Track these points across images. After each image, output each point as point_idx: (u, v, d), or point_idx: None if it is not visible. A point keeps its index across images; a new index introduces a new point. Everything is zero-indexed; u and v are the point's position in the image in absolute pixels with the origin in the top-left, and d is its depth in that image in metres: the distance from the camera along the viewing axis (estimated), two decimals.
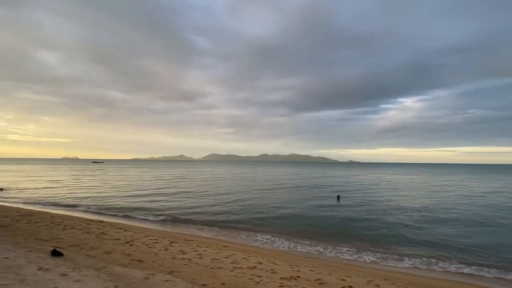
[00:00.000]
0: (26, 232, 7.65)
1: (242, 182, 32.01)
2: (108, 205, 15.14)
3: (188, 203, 16.18)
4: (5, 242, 6.39)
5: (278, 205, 16.22)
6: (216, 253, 7.19)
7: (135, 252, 6.54)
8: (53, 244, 6.65)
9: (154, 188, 25.09)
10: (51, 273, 4.60)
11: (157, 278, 4.93)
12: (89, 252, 6.17)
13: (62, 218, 10.22)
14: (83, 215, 12.24)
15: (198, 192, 21.83)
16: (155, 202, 16.34)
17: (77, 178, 35.39)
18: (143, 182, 31.38)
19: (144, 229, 9.70)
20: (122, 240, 7.51)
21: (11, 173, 43.83)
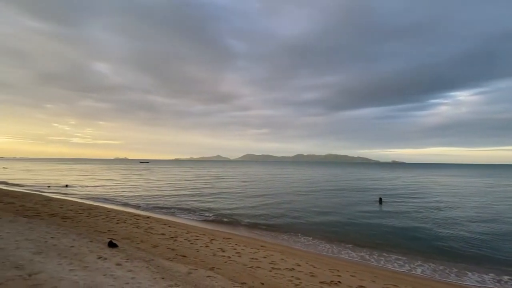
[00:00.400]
0: (87, 224, 8.61)
1: (279, 184, 31.55)
2: (154, 202, 16.32)
3: (227, 203, 16.60)
4: (71, 232, 7.27)
5: (317, 208, 15.66)
6: (254, 252, 7.26)
7: (179, 247, 6.92)
8: (109, 236, 7.37)
9: (195, 188, 26.32)
10: (108, 262, 5.10)
11: (200, 273, 5.14)
12: (139, 245, 6.71)
13: (116, 213, 11.29)
14: (132, 210, 13.36)
15: (236, 192, 22.18)
16: (196, 201, 17.11)
17: (127, 177, 38.83)
18: (184, 181, 33.15)
19: (186, 225, 10.23)
20: (167, 235, 8.02)
21: (74, 172, 49.90)
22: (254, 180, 36.80)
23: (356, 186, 29.57)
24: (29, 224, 7.73)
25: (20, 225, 7.52)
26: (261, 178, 40.95)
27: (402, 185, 32.54)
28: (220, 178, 39.21)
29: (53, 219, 8.87)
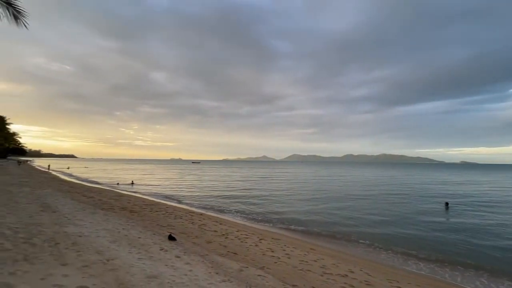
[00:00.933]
0: (150, 218, 9.59)
1: (328, 186, 29.91)
2: (206, 200, 17.34)
3: (276, 205, 16.52)
4: (138, 225, 8.20)
5: (373, 214, 14.21)
6: (304, 255, 7.13)
7: (230, 244, 7.21)
8: (168, 230, 8.09)
9: (243, 188, 27.07)
10: (169, 254, 5.59)
11: (251, 271, 5.27)
12: (194, 240, 7.19)
13: (173, 209, 12.33)
14: (187, 207, 14.40)
15: (285, 195, 21.71)
16: (245, 202, 17.56)
17: (182, 176, 42.07)
18: (233, 182, 34.36)
19: (236, 224, 10.60)
20: (219, 232, 8.43)
21: (137, 171, 56.18)
22: (302, 182, 35.69)
23: (417, 190, 26.15)
24: (105, 216, 8.98)
25: (99, 216, 8.78)
26: (309, 180, 39.45)
27: (475, 191, 27.52)
28: (268, 179, 39.43)
29: (123, 213, 10.12)
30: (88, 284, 3.59)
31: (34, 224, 6.76)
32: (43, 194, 12.99)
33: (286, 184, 31.60)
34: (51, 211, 8.75)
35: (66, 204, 10.60)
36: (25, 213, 7.96)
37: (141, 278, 4.06)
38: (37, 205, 9.57)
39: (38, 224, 6.75)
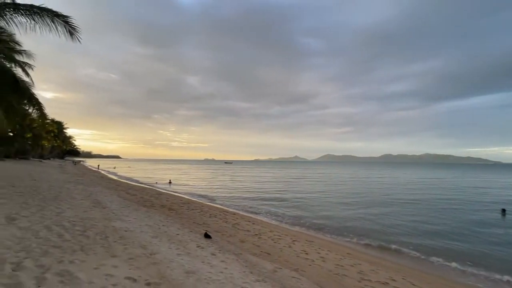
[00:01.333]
0: (187, 216, 10.05)
1: (366, 188, 27.78)
2: (239, 200, 17.66)
3: (309, 207, 16.17)
4: (176, 222, 8.65)
5: (418, 220, 12.93)
6: (339, 259, 6.88)
7: (263, 244, 7.24)
8: (204, 228, 8.41)
9: (276, 188, 27.03)
10: (205, 251, 5.80)
11: (284, 272, 5.24)
12: (229, 238, 7.37)
13: (208, 208, 12.78)
14: (220, 206, 14.81)
15: (319, 197, 21.02)
16: (278, 202, 17.51)
17: (215, 176, 43.41)
18: (265, 182, 34.46)
19: (269, 224, 10.63)
20: (252, 232, 8.52)
21: (174, 171, 59.31)
22: (338, 183, 33.93)
23: (470, 195, 23.37)
24: (147, 213, 9.63)
25: (142, 213, 9.44)
26: (346, 181, 37.21)
27: None
28: (301, 180, 38.80)
29: (163, 210, 10.75)
30: (134, 275, 3.88)
31: (88, 218, 7.50)
32: (94, 191, 14.37)
33: (320, 186, 30.39)
34: (101, 207, 9.63)
35: (113, 201, 11.59)
36: (80, 208, 8.88)
37: (180, 272, 4.27)
38: (90, 201, 10.60)
39: (91, 219, 7.48)
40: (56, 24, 10.45)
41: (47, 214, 7.24)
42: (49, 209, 7.85)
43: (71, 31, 10.80)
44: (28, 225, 5.73)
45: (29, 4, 10.05)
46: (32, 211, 7.29)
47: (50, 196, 10.31)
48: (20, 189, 10.73)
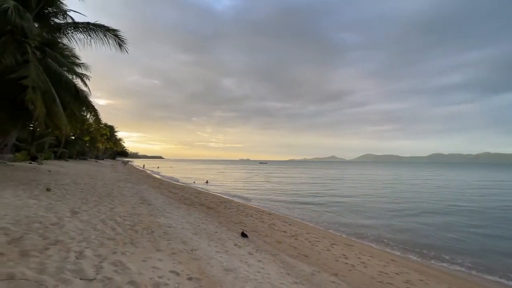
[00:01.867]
0: (224, 215, 10.34)
1: (414, 192, 24.33)
2: (274, 200, 17.64)
3: (348, 209, 15.40)
4: (214, 220, 8.95)
5: (481, 231, 11.18)
6: (383, 266, 6.45)
7: (300, 246, 7.12)
8: (240, 227, 8.57)
9: (312, 190, 26.42)
10: (242, 250, 5.90)
11: (323, 276, 5.08)
12: (265, 238, 7.39)
13: (244, 207, 12.99)
14: (256, 206, 14.94)
15: (359, 200, 19.53)
16: (315, 204, 17.09)
17: (251, 176, 43.99)
18: (301, 183, 33.93)
19: (306, 226, 10.42)
20: (288, 233, 8.43)
21: (211, 170, 61.56)
22: (380, 186, 30.69)
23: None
24: (188, 211, 10.15)
25: (183, 210, 9.98)
26: (389, 184, 33.27)
27: None
28: (338, 181, 37.16)
29: (202, 208, 11.22)
30: (177, 270, 4.11)
31: (136, 214, 8.17)
32: (141, 189, 15.61)
33: (361, 188, 27.79)
34: (147, 204, 10.41)
35: (157, 198, 12.45)
36: (129, 204, 9.71)
37: (220, 270, 4.40)
38: (137, 198, 11.53)
39: (138, 214, 8.13)
40: (108, 38, 11.61)
41: (102, 209, 8.05)
42: (103, 204, 8.72)
43: (120, 43, 11.90)
44: (88, 218, 6.44)
45: (86, 22, 11.32)
46: (90, 206, 8.18)
47: (104, 193, 11.46)
48: (81, 186, 12.12)
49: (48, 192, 9.21)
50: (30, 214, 5.80)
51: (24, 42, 9.51)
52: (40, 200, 7.52)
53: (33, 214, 5.85)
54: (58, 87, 10.89)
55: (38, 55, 10.13)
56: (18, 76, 8.53)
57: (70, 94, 11.26)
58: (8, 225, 4.83)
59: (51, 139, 28.38)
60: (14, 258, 3.56)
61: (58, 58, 12.00)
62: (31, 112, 9.33)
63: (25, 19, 8.32)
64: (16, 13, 7.83)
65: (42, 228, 5.02)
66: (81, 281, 3.20)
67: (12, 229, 4.68)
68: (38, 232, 4.79)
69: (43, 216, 5.87)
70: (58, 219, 5.87)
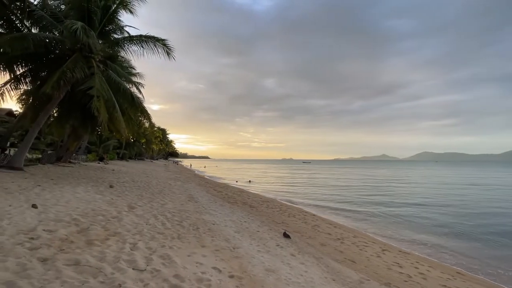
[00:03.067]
0: (266, 214, 10.33)
1: (494, 198, 19.43)
2: (318, 201, 17.02)
3: (404, 216, 13.66)
4: (256, 219, 8.99)
5: None
6: (446, 279, 5.64)
7: (347, 251, 6.68)
8: (283, 227, 8.43)
9: (360, 191, 24.87)
10: (284, 251, 5.77)
11: (373, 285, 4.65)
12: (308, 240, 7.13)
13: (286, 207, 12.81)
14: (299, 206, 14.60)
15: (419, 204, 17.31)
16: (366, 207, 15.98)
17: (293, 176, 43.41)
18: (348, 185, 32.17)
19: (352, 229, 9.78)
20: (333, 236, 8.00)
21: (254, 170, 62.51)
22: (445, 189, 25.30)
23: None
24: (231, 209, 10.40)
25: (226, 208, 10.27)
26: (458, 187, 27.04)
27: None
28: (392, 182, 33.04)
29: (244, 207, 11.40)
30: (220, 267, 4.18)
31: (184, 210, 8.67)
32: (189, 187, 16.60)
33: (421, 191, 23.82)
34: (194, 201, 10.99)
35: (203, 196, 13.06)
36: (178, 201, 10.37)
37: (261, 269, 4.36)
38: (185, 195, 12.26)
39: (186, 211, 8.61)
40: (157, 47, 12.61)
41: (154, 205, 8.74)
42: (156, 201, 9.47)
43: (168, 51, 12.83)
44: (142, 213, 7.04)
45: (139, 35, 12.48)
46: (144, 201, 8.95)
47: (157, 190, 12.47)
48: (138, 184, 13.40)
49: (111, 189, 10.39)
50: (95, 208, 6.59)
51: (90, 57, 10.93)
52: (104, 196, 8.51)
53: (98, 208, 6.63)
54: (118, 95, 12.24)
55: (101, 67, 11.53)
56: (85, 87, 9.83)
57: (127, 101, 12.56)
58: (79, 217, 5.55)
59: (114, 142, 32.20)
60: (81, 246, 4.05)
61: (117, 69, 13.49)
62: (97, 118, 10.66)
63: (90, 37, 9.54)
64: (83, 32, 9.03)
65: (104, 221, 5.65)
66: (133, 271, 3.47)
67: (81, 220, 5.36)
68: (101, 223, 5.39)
69: (105, 209, 6.61)
70: (118, 213, 6.54)
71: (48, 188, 8.22)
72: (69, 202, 6.73)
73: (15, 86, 10.79)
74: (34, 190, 7.48)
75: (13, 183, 7.90)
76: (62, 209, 5.91)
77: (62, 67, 9.14)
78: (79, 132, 16.74)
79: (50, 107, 10.95)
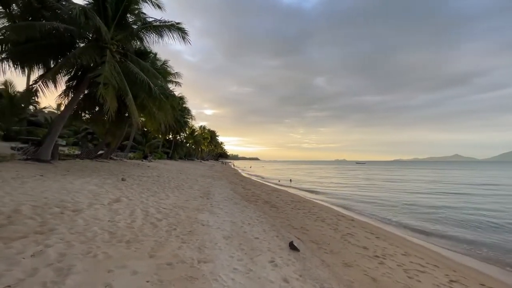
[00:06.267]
0: (286, 216, 8.33)
1: None
2: (367, 204, 14.02)
3: (490, 230, 10.22)
4: (267, 222, 7.12)
5: None
6: None
7: (385, 278, 4.32)
8: (299, 233, 6.38)
9: (428, 196, 20.48)
10: (276, 272, 3.83)
11: None
12: (326, 256, 4.96)
13: (319, 209, 10.51)
14: (338, 209, 12.05)
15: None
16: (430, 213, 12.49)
17: (343, 177, 39.34)
18: (416, 191, 27.28)
19: (404, 242, 7.04)
20: (370, 251, 5.62)
21: (301, 171, 59.40)
22: None
23: None
24: (244, 208, 8.74)
25: (238, 207, 8.64)
26: None
27: None
28: (483, 188, 26.92)
29: (263, 206, 9.60)
30: None
31: (181, 207, 7.36)
32: (215, 184, 15.56)
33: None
34: (206, 198, 9.69)
35: (222, 193, 11.72)
36: (186, 197, 9.19)
37: None
38: (202, 192, 11.09)
39: (183, 207, 7.30)
40: (172, 33, 11.82)
41: (152, 199, 7.66)
42: (158, 195, 8.43)
43: (183, 35, 11.93)
44: (119, 207, 5.90)
45: (152, 22, 11.91)
46: (145, 195, 7.96)
47: (173, 185, 11.61)
48: (158, 179, 12.81)
49: (122, 182, 9.82)
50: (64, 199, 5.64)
51: (104, 47, 10.69)
52: (100, 187, 7.67)
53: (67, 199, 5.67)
54: (135, 86, 11.84)
55: (116, 57, 11.25)
56: (94, 75, 9.48)
57: (144, 92, 12.07)
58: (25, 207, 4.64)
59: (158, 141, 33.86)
60: None
61: (140, 62, 13.16)
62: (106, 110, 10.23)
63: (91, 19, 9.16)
64: (82, 14, 8.63)
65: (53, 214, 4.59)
66: None
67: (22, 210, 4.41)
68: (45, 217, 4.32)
69: (77, 201, 5.60)
70: (88, 206, 5.52)
71: (51, 178, 7.88)
72: (44, 191, 6.00)
73: (45, 83, 11.24)
74: (27, 179, 7.10)
75: (16, 172, 7.74)
76: (21, 198, 5.13)
77: (68, 54, 8.98)
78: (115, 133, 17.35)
79: (72, 101, 11.13)
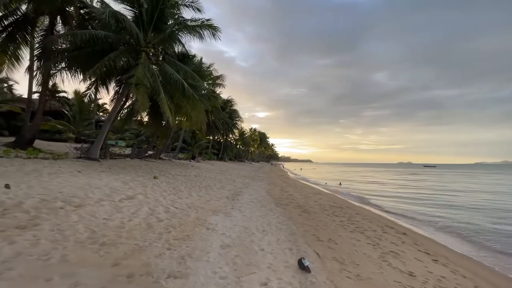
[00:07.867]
0: (315, 223, 7.12)
1: None
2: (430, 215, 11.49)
3: None
4: (288, 229, 6.08)
5: None
6: None
7: None
8: (323, 246, 5.19)
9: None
10: None
11: None
12: (346, 284, 3.73)
13: (362, 217, 8.86)
14: (391, 218, 10.09)
15: None
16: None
17: (406, 181, 34.53)
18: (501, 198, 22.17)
19: (470, 267, 5.13)
20: (419, 278, 4.12)
21: (355, 173, 54.63)
22: None
23: None
24: (269, 211, 7.85)
25: (262, 211, 7.80)
26: None
27: None
28: None
29: (292, 211, 8.52)
30: None
31: (197, 207, 6.93)
32: (252, 185, 15.00)
33: None
34: (231, 199, 9.15)
35: (253, 194, 11.04)
36: (209, 197, 8.79)
37: None
38: (231, 193, 10.62)
39: (198, 208, 6.85)
40: (203, 30, 11.75)
41: (169, 197, 7.45)
42: (180, 195, 8.20)
43: (213, 32, 11.75)
44: (128, 204, 5.72)
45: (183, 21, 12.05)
46: (166, 193, 7.82)
47: (204, 185, 11.42)
48: (191, 178, 12.85)
49: (153, 180, 10.01)
50: (76, 194, 5.72)
51: (140, 51, 11.20)
52: (125, 184, 7.82)
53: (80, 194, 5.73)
54: (169, 86, 12.16)
55: (152, 60, 11.70)
56: (127, 76, 9.94)
57: (178, 91, 12.29)
58: (34, 200, 4.72)
59: (206, 143, 35.20)
60: None
61: (177, 64, 13.52)
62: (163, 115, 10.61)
63: (122, 22, 9.60)
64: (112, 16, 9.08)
65: (54, 209, 4.56)
66: None
67: (25, 202, 4.46)
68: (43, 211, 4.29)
69: (89, 197, 5.62)
70: (96, 201, 5.48)
71: (86, 174, 8.36)
72: (65, 186, 6.21)
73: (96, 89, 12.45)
74: (62, 174, 7.61)
75: (59, 168, 8.44)
76: (38, 191, 5.32)
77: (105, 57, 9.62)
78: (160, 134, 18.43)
79: (116, 104, 12.03)
